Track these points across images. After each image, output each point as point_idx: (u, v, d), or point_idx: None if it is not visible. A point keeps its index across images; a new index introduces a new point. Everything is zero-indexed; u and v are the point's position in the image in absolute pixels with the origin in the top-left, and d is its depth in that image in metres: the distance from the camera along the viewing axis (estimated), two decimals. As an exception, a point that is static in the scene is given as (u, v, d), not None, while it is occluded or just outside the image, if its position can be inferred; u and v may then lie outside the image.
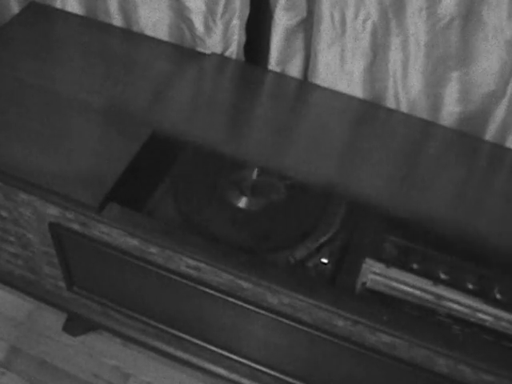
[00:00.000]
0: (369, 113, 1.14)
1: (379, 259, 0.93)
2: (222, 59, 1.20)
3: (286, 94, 1.16)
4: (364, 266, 0.93)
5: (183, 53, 1.21)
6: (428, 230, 0.94)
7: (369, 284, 0.93)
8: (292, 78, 1.19)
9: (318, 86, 1.17)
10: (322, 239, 1.02)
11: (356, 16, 1.04)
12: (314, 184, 0.98)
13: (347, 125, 1.10)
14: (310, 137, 1.07)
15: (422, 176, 1.03)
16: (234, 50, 1.18)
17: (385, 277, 0.92)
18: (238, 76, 1.19)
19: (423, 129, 1.12)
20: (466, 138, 1.12)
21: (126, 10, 1.23)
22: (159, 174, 1.11)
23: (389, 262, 0.93)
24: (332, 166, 1.02)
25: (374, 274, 0.93)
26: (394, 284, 0.92)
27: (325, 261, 0.99)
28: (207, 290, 1.00)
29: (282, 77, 1.19)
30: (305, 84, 1.19)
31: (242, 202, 1.06)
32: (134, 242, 0.99)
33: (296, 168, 1.01)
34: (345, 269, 0.98)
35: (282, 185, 1.07)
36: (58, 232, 1.06)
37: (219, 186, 1.08)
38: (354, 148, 1.07)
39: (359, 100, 1.15)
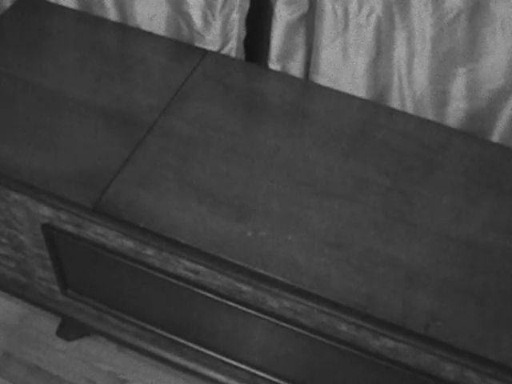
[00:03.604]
0: (370, 120, 1.12)
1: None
2: (220, 56, 1.20)
3: (287, 103, 1.13)
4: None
5: (181, 48, 1.20)
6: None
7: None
8: (292, 79, 1.18)
9: (320, 87, 1.15)
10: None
11: (359, 10, 1.04)
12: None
13: (345, 141, 1.08)
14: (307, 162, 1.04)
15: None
16: (233, 45, 1.17)
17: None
18: (236, 76, 1.17)
19: (427, 140, 1.09)
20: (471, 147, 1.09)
21: (122, 4, 1.22)
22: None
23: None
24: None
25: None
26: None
27: (327, 263, 0.98)
28: (205, 293, 1.00)
29: (282, 78, 1.17)
30: (305, 85, 1.18)
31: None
32: (129, 244, 0.98)
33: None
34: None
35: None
36: (51, 233, 1.05)
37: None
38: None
39: (361, 101, 1.14)
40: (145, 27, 1.22)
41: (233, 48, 1.18)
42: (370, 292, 0.90)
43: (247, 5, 1.12)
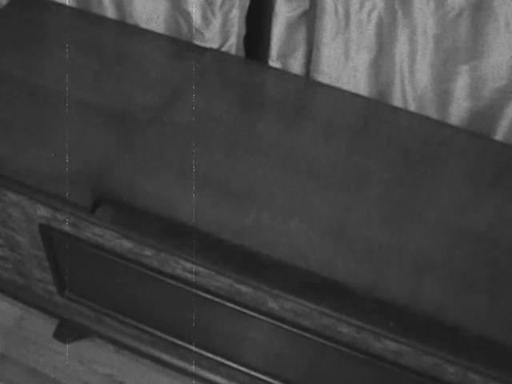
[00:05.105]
0: (372, 116, 1.12)
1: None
2: (220, 53, 1.19)
3: (287, 99, 1.13)
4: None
5: (180, 46, 1.20)
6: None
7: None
8: (294, 76, 1.18)
9: (320, 84, 1.15)
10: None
11: (361, 7, 1.03)
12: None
13: (349, 136, 1.08)
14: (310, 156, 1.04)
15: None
16: (233, 43, 1.17)
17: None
18: (236, 73, 1.17)
19: (430, 135, 1.10)
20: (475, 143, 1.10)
21: (120, 2, 1.21)
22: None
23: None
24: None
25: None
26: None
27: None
28: (205, 294, 0.99)
29: (282, 75, 1.17)
30: (307, 83, 1.18)
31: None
32: (128, 245, 0.98)
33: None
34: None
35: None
36: (48, 234, 1.05)
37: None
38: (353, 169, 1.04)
39: (363, 98, 1.14)
40: (143, 25, 1.22)
41: (232, 46, 1.17)
42: (376, 277, 0.89)
43: (247, 2, 1.11)
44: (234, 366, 1.14)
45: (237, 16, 1.12)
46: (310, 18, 1.11)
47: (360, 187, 0.99)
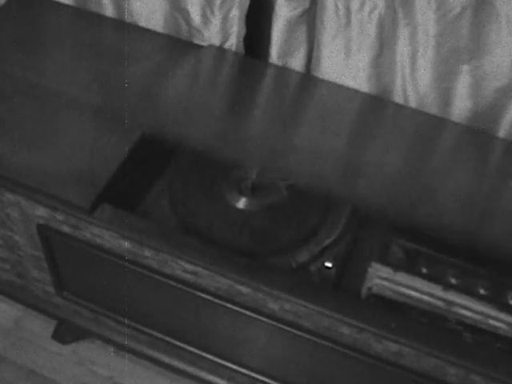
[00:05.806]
0: (375, 109, 1.14)
1: (386, 263, 0.92)
2: (220, 51, 1.20)
3: (288, 89, 1.16)
4: (370, 270, 0.92)
5: (179, 45, 1.20)
6: (436, 236, 0.94)
7: (375, 289, 0.92)
8: (294, 72, 1.18)
9: (322, 80, 1.16)
10: (326, 242, 1.01)
11: (361, 6, 1.03)
12: (316, 188, 1.00)
13: (351, 123, 1.10)
14: (313, 138, 1.07)
15: (430, 180, 1.02)
16: (232, 42, 1.17)
17: (392, 282, 0.91)
18: (236, 70, 1.19)
19: (432, 126, 1.12)
20: (477, 136, 1.11)
21: (119, 0, 1.21)
22: (154, 173, 1.10)
23: (396, 266, 0.92)
24: (336, 170, 1.02)
25: (381, 278, 0.92)
26: (402, 289, 0.91)
27: (329, 265, 0.99)
28: (204, 295, 0.99)
29: (283, 70, 1.18)
30: (308, 78, 1.19)
31: (241, 203, 1.05)
32: (127, 245, 0.98)
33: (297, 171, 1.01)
34: (350, 273, 0.98)
35: (283, 184, 1.06)
36: (46, 234, 1.05)
37: (217, 186, 1.07)
38: (358, 148, 1.06)
39: (364, 94, 1.14)
40: (142, 24, 1.22)
41: (232, 45, 1.17)
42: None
43: (247, 2, 1.11)
44: (234, 367, 1.14)
45: (236, 16, 1.12)
46: (310, 17, 1.11)
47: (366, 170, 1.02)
